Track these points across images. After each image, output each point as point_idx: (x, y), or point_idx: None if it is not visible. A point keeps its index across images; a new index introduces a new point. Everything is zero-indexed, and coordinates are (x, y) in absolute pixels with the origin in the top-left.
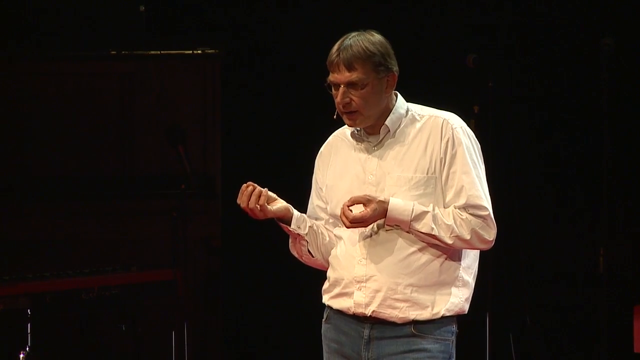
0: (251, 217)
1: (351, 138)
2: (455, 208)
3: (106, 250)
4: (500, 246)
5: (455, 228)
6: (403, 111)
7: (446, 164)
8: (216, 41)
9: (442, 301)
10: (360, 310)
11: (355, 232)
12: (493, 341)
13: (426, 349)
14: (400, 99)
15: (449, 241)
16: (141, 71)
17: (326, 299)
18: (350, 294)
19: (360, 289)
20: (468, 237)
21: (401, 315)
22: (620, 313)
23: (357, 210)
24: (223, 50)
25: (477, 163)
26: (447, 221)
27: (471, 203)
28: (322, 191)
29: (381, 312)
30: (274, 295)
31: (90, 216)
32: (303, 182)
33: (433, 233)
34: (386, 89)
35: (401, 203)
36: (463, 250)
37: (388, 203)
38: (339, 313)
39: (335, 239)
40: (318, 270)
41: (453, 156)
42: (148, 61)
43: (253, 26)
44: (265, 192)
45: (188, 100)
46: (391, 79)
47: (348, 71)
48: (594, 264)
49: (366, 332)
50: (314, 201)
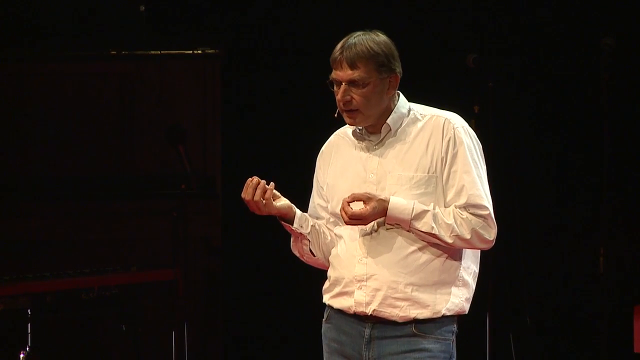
0: (252, 212)
1: (352, 137)
2: (455, 207)
3: (106, 250)
4: (500, 246)
5: (455, 227)
6: (405, 110)
7: (447, 163)
8: (216, 41)
9: (443, 300)
10: (360, 309)
11: (355, 231)
12: (493, 341)
13: (427, 349)
14: (402, 99)
15: (449, 240)
16: (141, 71)
17: (327, 299)
18: (350, 293)
19: (360, 288)
20: (468, 237)
21: (402, 314)
22: (620, 313)
23: (357, 207)
24: (223, 50)
25: (478, 163)
26: (448, 220)
27: (472, 202)
28: (323, 190)
29: (382, 311)
30: (274, 295)
31: (90, 216)
32: (304, 182)
33: (433, 232)
34: (388, 90)
35: (401, 202)
36: (463, 250)
37: (388, 202)
38: (340, 312)
39: (336, 238)
40: (318, 269)
41: (454, 155)
42: (148, 61)
43: (253, 26)
44: (271, 187)
45: (188, 100)
46: (393, 80)
47: (350, 69)
48: (594, 264)
49: (367, 332)
50: (315, 200)
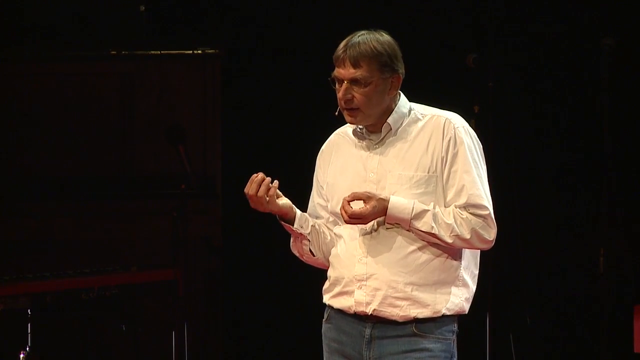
0: (253, 209)
1: (353, 136)
2: (455, 207)
3: (106, 250)
4: (500, 246)
5: (455, 227)
6: (405, 110)
7: (447, 163)
8: (216, 41)
9: (443, 300)
10: (361, 309)
11: (355, 231)
12: (493, 341)
13: (428, 349)
14: (403, 99)
15: (449, 240)
16: (141, 71)
17: (327, 299)
18: (350, 293)
19: (360, 288)
20: (468, 237)
21: (402, 313)
22: (620, 313)
23: (357, 206)
24: (223, 50)
25: (479, 163)
26: (448, 220)
27: (472, 202)
28: (323, 189)
29: (382, 311)
30: (274, 295)
31: (90, 216)
32: (304, 182)
33: (433, 232)
34: (389, 90)
35: (402, 201)
36: (463, 250)
37: (388, 201)
38: (340, 312)
39: (335, 238)
40: (318, 269)
41: (454, 155)
42: (148, 61)
43: (253, 26)
44: (275, 184)
45: (188, 100)
46: (395, 81)
47: (353, 68)
48: (594, 264)
49: (367, 332)
50: (315, 199)
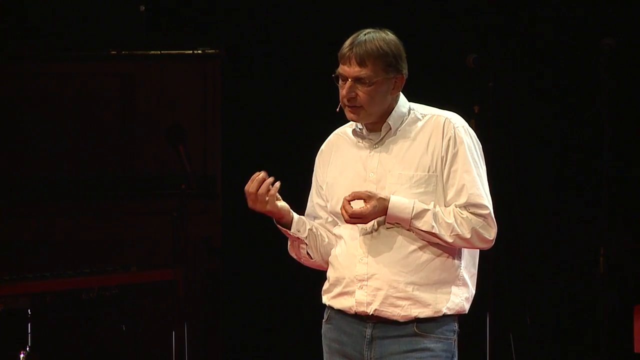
0: (252, 209)
1: (352, 136)
2: (456, 207)
3: (106, 250)
4: (500, 246)
5: (455, 227)
6: (405, 110)
7: (447, 163)
8: (216, 41)
9: (444, 300)
10: (362, 309)
11: (355, 231)
12: (493, 341)
13: (429, 348)
14: (402, 98)
15: (449, 240)
16: (141, 71)
17: (327, 299)
18: (351, 293)
19: (361, 288)
20: (468, 236)
21: (403, 313)
22: (620, 313)
23: (358, 206)
24: (223, 50)
25: (478, 162)
26: (448, 219)
27: (472, 202)
28: (323, 189)
29: (383, 311)
30: (274, 295)
31: (90, 216)
32: (304, 182)
33: (433, 231)
34: (392, 90)
35: (402, 201)
36: (462, 249)
37: (389, 200)
38: (340, 313)
39: (334, 239)
40: (319, 270)
41: (454, 155)
42: (148, 61)
43: (253, 26)
44: (276, 185)
45: (188, 100)
46: (399, 81)
47: (359, 66)
48: (594, 264)
49: (368, 332)
50: (314, 199)
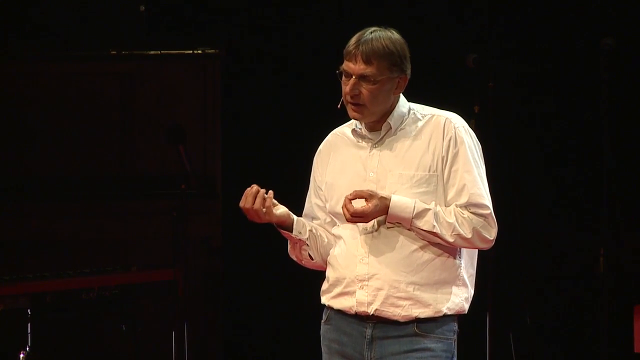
0: (251, 221)
1: (351, 135)
2: (456, 206)
3: (106, 250)
4: (500, 246)
5: (456, 226)
6: (405, 110)
7: (448, 163)
8: (216, 41)
9: (444, 300)
10: (362, 309)
11: (355, 231)
12: (493, 341)
13: (429, 348)
14: (402, 98)
15: (450, 239)
16: (141, 71)
17: (326, 300)
18: (352, 293)
19: (362, 288)
20: (469, 236)
21: (404, 313)
22: (620, 313)
23: (359, 205)
24: (223, 50)
25: (479, 162)
26: (449, 219)
27: (473, 202)
28: (321, 189)
29: (384, 311)
30: (274, 295)
31: (90, 216)
32: (304, 182)
33: (434, 231)
34: (395, 90)
35: (403, 200)
36: (462, 250)
37: (390, 200)
38: (340, 313)
39: (333, 239)
40: (319, 270)
41: (455, 155)
42: (148, 61)
43: (253, 26)
44: (270, 195)
45: (188, 100)
46: (402, 81)
47: (364, 64)
48: (594, 264)
49: (368, 332)
50: (312, 200)
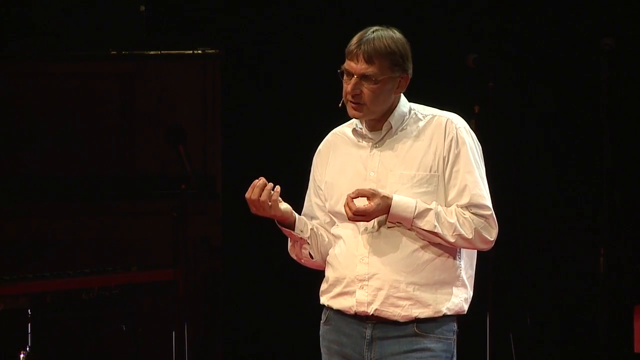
0: (254, 214)
1: (352, 135)
2: (457, 207)
3: (106, 250)
4: (500, 246)
5: (458, 227)
6: (406, 110)
7: (449, 163)
8: (216, 41)
9: (444, 300)
10: (362, 309)
11: (356, 231)
12: (493, 341)
13: (429, 348)
14: (402, 98)
15: (451, 239)
16: (141, 71)
17: (325, 300)
18: (352, 293)
19: (362, 288)
20: (470, 236)
21: (404, 313)
22: (620, 313)
23: (360, 203)
24: (223, 50)
25: (480, 163)
26: (450, 219)
27: (474, 202)
28: (321, 189)
29: (384, 311)
30: (274, 295)
31: (90, 216)
32: (304, 182)
33: (435, 231)
34: (396, 89)
35: (404, 199)
36: (461, 250)
37: (391, 199)
38: (340, 313)
39: (333, 239)
40: (319, 270)
41: (456, 155)
42: (148, 61)
43: (253, 26)
44: (277, 190)
45: (188, 100)
46: (404, 81)
47: (366, 63)
48: (594, 264)
49: (368, 332)
50: (312, 199)
